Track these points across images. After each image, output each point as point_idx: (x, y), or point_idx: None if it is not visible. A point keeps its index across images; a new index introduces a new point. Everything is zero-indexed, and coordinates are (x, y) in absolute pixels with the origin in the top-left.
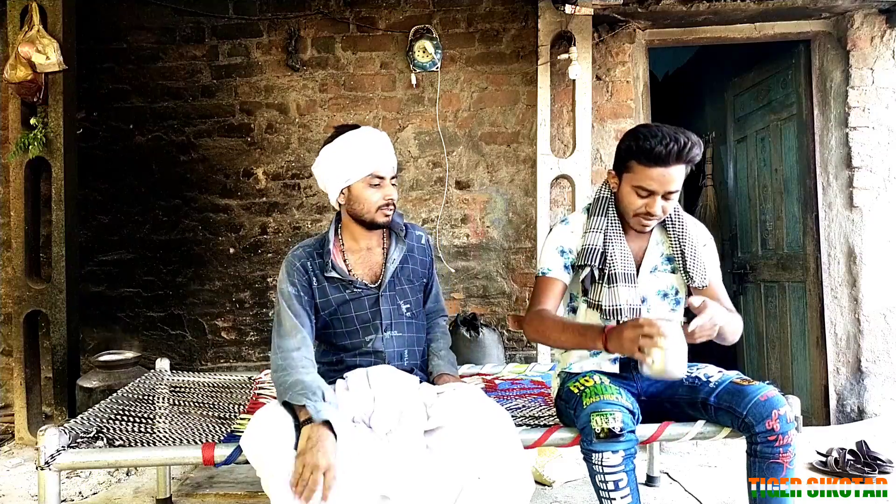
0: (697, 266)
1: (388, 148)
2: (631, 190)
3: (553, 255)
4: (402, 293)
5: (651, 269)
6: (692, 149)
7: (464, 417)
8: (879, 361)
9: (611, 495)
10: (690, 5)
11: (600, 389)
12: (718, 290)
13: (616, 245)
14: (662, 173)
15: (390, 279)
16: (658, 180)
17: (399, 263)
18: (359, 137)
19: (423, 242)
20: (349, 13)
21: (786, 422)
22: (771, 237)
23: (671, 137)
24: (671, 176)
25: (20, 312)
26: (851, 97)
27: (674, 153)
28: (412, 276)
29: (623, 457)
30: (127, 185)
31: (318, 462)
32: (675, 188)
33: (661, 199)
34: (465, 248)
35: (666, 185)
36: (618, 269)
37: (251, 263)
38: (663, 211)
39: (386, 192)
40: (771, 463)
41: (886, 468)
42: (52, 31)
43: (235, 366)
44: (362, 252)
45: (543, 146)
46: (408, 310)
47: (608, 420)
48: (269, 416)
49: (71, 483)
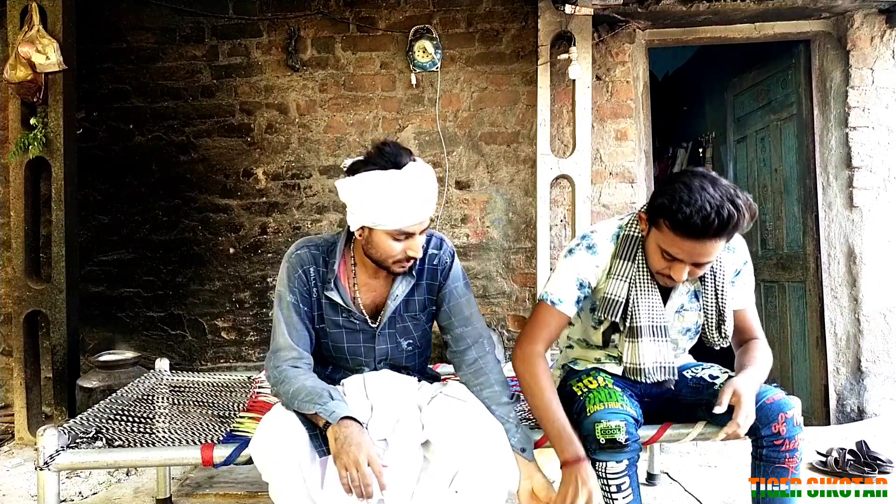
0: (722, 323)
1: (428, 198)
2: (656, 248)
3: (568, 286)
4: (404, 331)
5: (677, 308)
6: (737, 223)
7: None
8: (879, 361)
9: (613, 496)
10: (690, 5)
11: (604, 395)
12: (751, 316)
13: (642, 296)
14: (693, 246)
15: (391, 316)
16: (688, 252)
17: (404, 297)
18: (398, 184)
19: (437, 263)
20: (349, 13)
21: (793, 425)
22: (771, 237)
23: (712, 207)
24: (704, 250)
25: (20, 312)
26: (851, 97)
27: (712, 228)
28: (417, 309)
29: (626, 465)
30: (127, 185)
31: (357, 457)
32: (707, 260)
33: (691, 264)
34: (465, 248)
35: (696, 257)
36: (642, 321)
37: (251, 263)
38: (691, 274)
39: (411, 245)
40: (776, 467)
41: (886, 468)
42: (52, 31)
43: (235, 366)
44: (370, 280)
45: (543, 146)
46: (409, 345)
47: (613, 432)
48: (277, 421)
49: (71, 483)
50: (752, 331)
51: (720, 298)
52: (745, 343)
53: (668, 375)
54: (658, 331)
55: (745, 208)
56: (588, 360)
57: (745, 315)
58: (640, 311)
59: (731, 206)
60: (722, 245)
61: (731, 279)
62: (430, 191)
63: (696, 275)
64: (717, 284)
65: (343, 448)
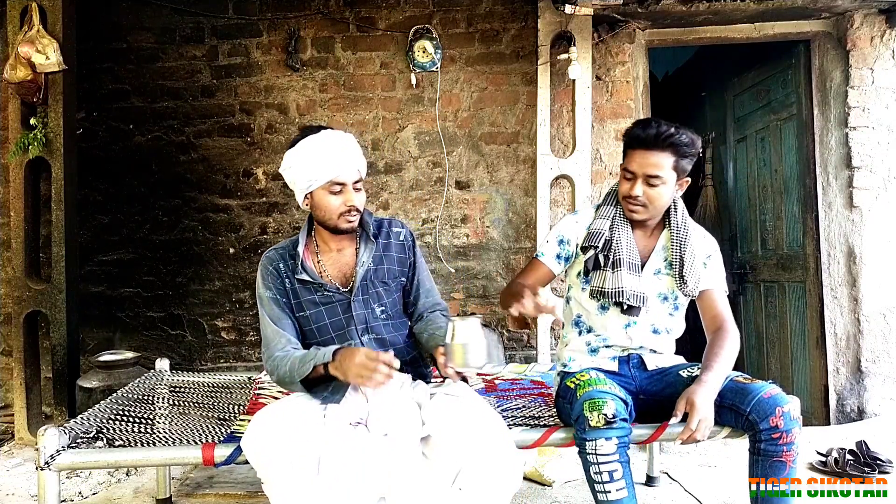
0: (693, 274)
1: (349, 152)
2: (622, 173)
3: (551, 243)
4: (376, 296)
5: (655, 270)
6: (672, 136)
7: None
8: (879, 361)
9: (605, 487)
10: (690, 5)
11: (594, 381)
12: (719, 300)
13: (622, 232)
14: (643, 155)
15: (361, 282)
16: (638, 162)
17: (373, 265)
18: (318, 142)
19: (402, 238)
20: (349, 13)
21: (790, 419)
22: (771, 237)
23: (655, 124)
24: (650, 160)
25: (20, 312)
26: (851, 97)
27: (651, 136)
28: (387, 277)
29: (616, 445)
30: (127, 185)
31: (359, 360)
32: (656, 173)
33: (644, 184)
34: (464, 248)
35: (645, 167)
36: (623, 255)
37: (251, 263)
38: (648, 199)
39: (347, 198)
40: (774, 461)
41: (886, 468)
42: (52, 31)
43: (235, 366)
44: (333, 253)
45: (543, 146)
46: (382, 312)
47: (601, 407)
48: (270, 417)
49: (71, 483)
50: (722, 316)
51: (691, 250)
52: (715, 332)
53: (640, 303)
54: (634, 267)
55: (684, 130)
56: (581, 351)
57: (714, 296)
58: (621, 245)
59: (670, 125)
60: (666, 159)
61: (703, 261)
62: (348, 145)
63: (653, 201)
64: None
65: (345, 364)
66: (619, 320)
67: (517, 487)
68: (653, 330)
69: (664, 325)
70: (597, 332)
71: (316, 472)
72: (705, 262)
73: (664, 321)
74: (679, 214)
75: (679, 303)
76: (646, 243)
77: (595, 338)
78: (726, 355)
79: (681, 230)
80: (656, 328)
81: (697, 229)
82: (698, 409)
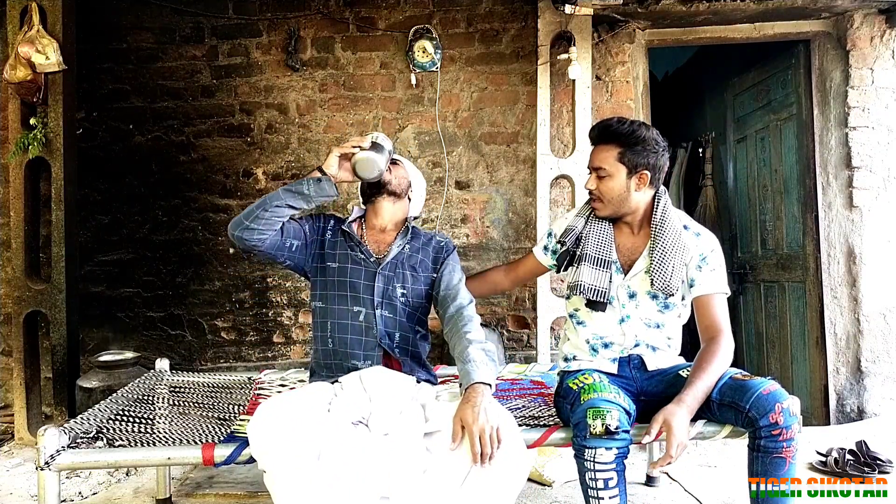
0: (662, 275)
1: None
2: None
3: (542, 237)
4: (402, 277)
5: (644, 269)
6: (611, 127)
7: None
8: (879, 361)
9: (599, 494)
10: (690, 5)
11: (598, 387)
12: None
13: (594, 229)
14: (593, 150)
15: (392, 260)
16: (591, 158)
17: (408, 251)
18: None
19: (442, 245)
20: (349, 13)
21: (789, 415)
22: (771, 237)
23: (606, 121)
24: (595, 154)
25: (20, 312)
26: (851, 97)
27: (596, 131)
28: (418, 266)
29: (615, 455)
30: (127, 185)
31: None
32: (600, 165)
33: (596, 178)
34: (464, 248)
35: (593, 160)
36: (589, 250)
37: (251, 263)
38: (600, 192)
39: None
40: (774, 457)
41: (886, 468)
42: (51, 31)
43: (235, 366)
44: (375, 232)
45: (543, 146)
46: (403, 295)
47: (605, 417)
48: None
49: (71, 483)
50: (716, 325)
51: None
52: (707, 342)
53: (601, 297)
54: (601, 262)
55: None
56: (581, 348)
57: (710, 303)
58: (590, 241)
59: (615, 120)
60: (608, 152)
61: (698, 263)
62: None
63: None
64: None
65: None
66: (612, 315)
67: (523, 485)
68: (645, 324)
69: (655, 320)
70: (593, 330)
71: (316, 468)
72: (699, 263)
73: (653, 316)
74: (658, 212)
75: (669, 301)
76: (633, 241)
77: (593, 336)
78: (713, 370)
79: (657, 228)
80: (648, 322)
81: (690, 227)
82: (675, 435)
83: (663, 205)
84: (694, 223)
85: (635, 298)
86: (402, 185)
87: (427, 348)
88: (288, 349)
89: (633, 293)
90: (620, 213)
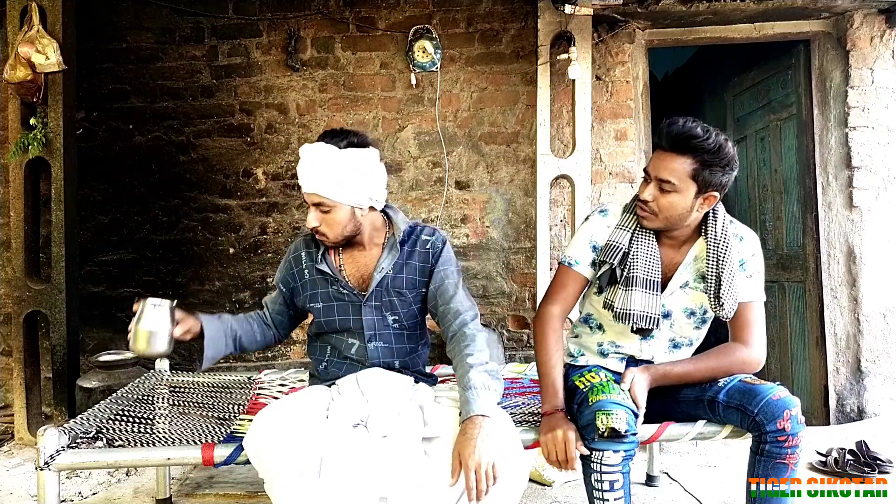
0: (730, 296)
1: (310, 171)
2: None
3: (583, 247)
4: (389, 305)
5: (682, 283)
6: (694, 138)
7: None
8: (879, 361)
9: (605, 496)
10: (690, 5)
11: (607, 388)
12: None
13: (642, 246)
14: (660, 156)
15: (376, 289)
16: (654, 163)
17: (392, 273)
18: (303, 151)
19: (428, 246)
20: (349, 13)
21: (797, 423)
22: (771, 237)
23: (682, 122)
24: (664, 162)
25: (20, 312)
26: (851, 97)
27: (670, 135)
28: (404, 287)
29: (622, 457)
30: (127, 185)
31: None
32: (668, 178)
33: (657, 188)
34: (464, 248)
35: (657, 169)
36: (639, 272)
37: (251, 263)
38: (659, 206)
39: (309, 216)
40: (777, 463)
41: (886, 468)
42: (51, 31)
43: (235, 366)
44: (353, 252)
45: (543, 146)
46: (395, 321)
47: (613, 420)
48: (272, 417)
49: (71, 483)
50: (747, 331)
51: (730, 268)
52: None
53: (651, 325)
54: (651, 284)
55: (716, 135)
56: (591, 349)
57: (743, 312)
58: (638, 261)
59: (699, 127)
60: (682, 164)
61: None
62: (312, 164)
63: (663, 209)
64: (726, 256)
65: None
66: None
67: (524, 487)
68: (673, 345)
69: (687, 337)
70: (610, 338)
71: (318, 473)
72: (744, 267)
73: (687, 334)
74: (719, 224)
75: (707, 317)
76: (673, 255)
77: (609, 342)
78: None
79: (720, 243)
80: (677, 342)
81: (735, 231)
82: (635, 382)
83: (721, 219)
84: (738, 224)
85: (670, 318)
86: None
87: (427, 352)
88: (288, 349)
89: (667, 312)
90: (670, 228)
